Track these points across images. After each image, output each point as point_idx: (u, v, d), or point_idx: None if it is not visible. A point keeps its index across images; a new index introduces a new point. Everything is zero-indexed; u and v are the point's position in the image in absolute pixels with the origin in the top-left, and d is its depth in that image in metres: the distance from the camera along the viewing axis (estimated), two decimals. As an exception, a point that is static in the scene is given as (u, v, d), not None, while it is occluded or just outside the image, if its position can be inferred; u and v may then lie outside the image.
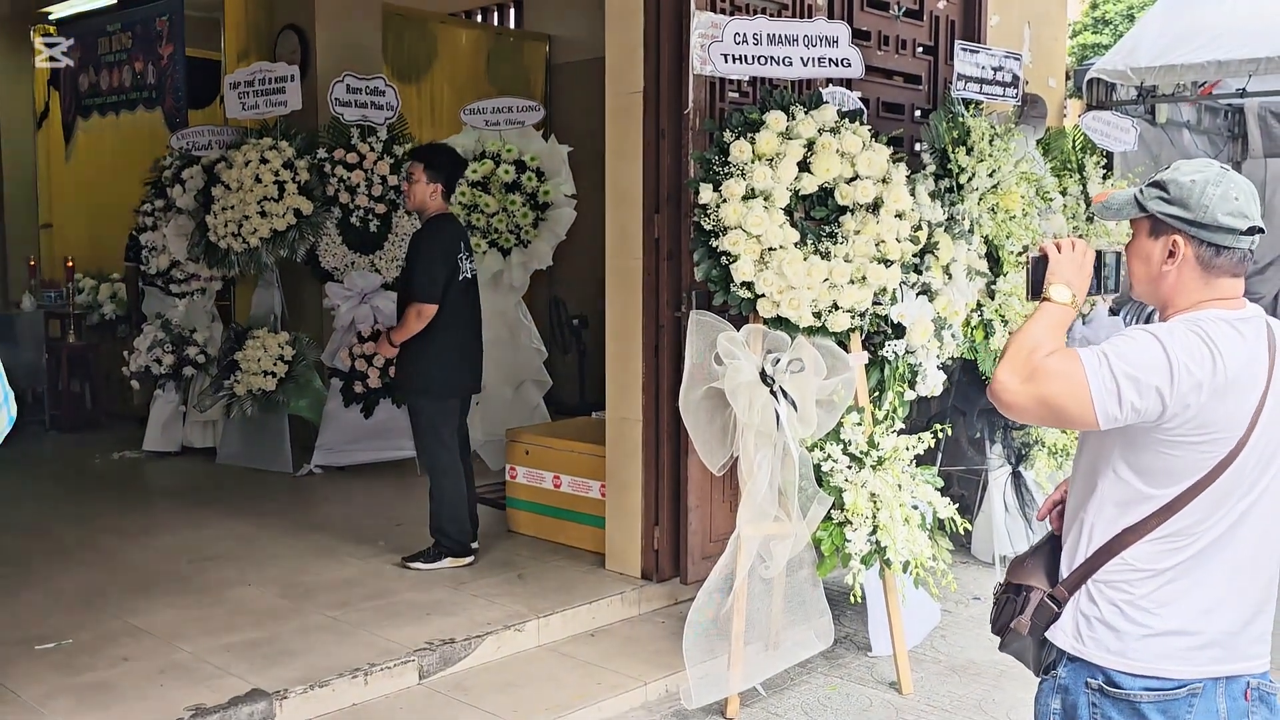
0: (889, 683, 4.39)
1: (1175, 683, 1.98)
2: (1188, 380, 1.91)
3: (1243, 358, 1.96)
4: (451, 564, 5.14)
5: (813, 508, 4.08)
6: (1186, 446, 1.96)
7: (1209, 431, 1.94)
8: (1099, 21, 24.18)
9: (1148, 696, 1.99)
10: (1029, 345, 2.03)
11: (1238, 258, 2.01)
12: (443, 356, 5.06)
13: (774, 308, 4.00)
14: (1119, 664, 2.01)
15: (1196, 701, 1.98)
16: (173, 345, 7.42)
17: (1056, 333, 2.08)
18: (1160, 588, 2.00)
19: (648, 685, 4.21)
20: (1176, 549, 1.99)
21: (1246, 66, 6.52)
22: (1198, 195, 1.99)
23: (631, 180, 4.85)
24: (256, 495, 6.53)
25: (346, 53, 7.53)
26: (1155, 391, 1.91)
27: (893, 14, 5.60)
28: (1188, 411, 1.93)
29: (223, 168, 6.73)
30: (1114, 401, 1.92)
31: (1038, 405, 2.00)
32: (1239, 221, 1.98)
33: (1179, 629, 1.99)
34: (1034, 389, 1.99)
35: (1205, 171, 2.02)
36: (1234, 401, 1.94)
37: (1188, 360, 1.92)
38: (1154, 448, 1.98)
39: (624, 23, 4.86)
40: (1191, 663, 1.99)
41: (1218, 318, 1.98)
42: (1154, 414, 1.93)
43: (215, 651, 4.18)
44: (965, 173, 4.85)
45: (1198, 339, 1.94)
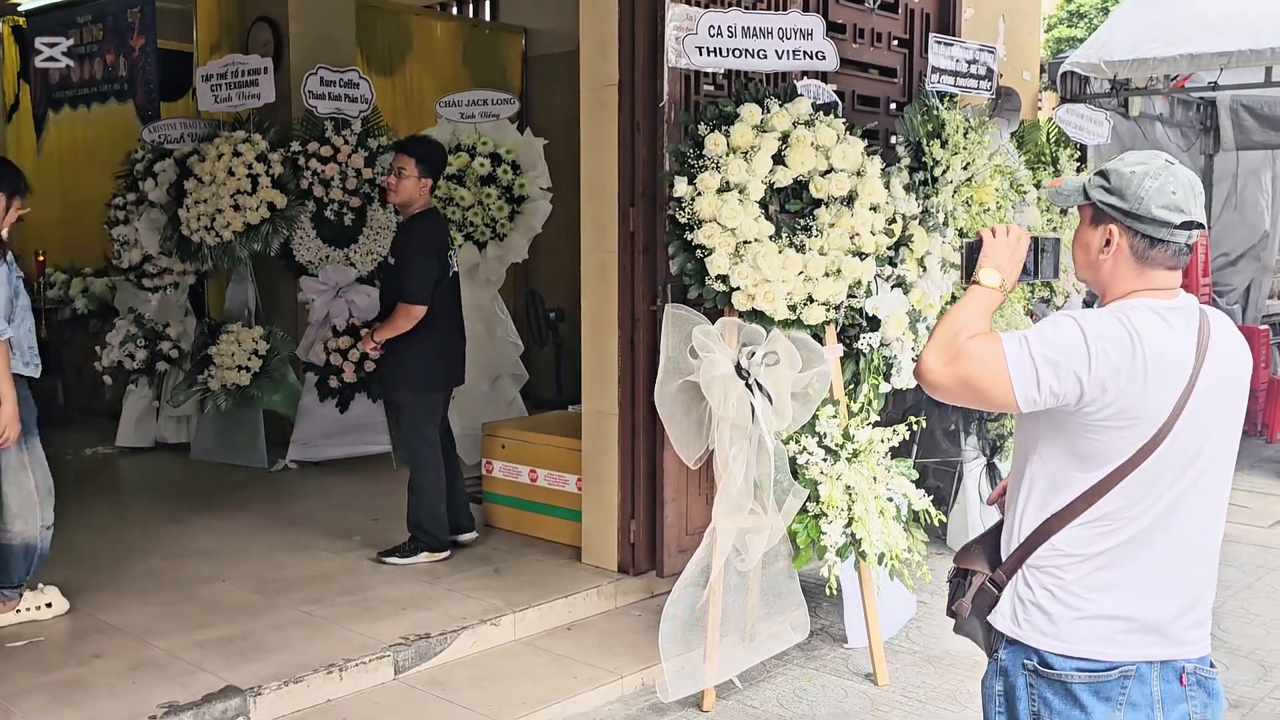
0: (864, 674, 4.40)
1: (1106, 665, 2.02)
2: (1105, 365, 1.95)
3: (1165, 345, 1.99)
4: (428, 559, 5.12)
5: (788, 500, 4.09)
6: (1109, 430, 1.99)
7: (1129, 417, 1.98)
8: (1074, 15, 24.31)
9: (1080, 677, 2.02)
10: (954, 328, 2.08)
11: (1173, 251, 2.03)
12: (427, 351, 5.03)
13: (749, 301, 4.00)
14: (1052, 645, 2.05)
15: (1130, 684, 2.01)
16: (145, 340, 7.35)
17: (982, 315, 2.12)
18: (1091, 573, 2.03)
19: (624, 679, 4.21)
20: (1104, 534, 2.03)
21: (1218, 60, 6.57)
22: (1134, 186, 2.02)
23: (606, 173, 4.84)
24: (230, 490, 6.49)
25: (320, 45, 7.48)
26: (1073, 375, 1.95)
27: (868, 7, 5.60)
28: (1106, 396, 1.96)
29: (195, 161, 6.67)
30: (1032, 385, 1.97)
31: (960, 386, 2.06)
32: (1173, 215, 2.00)
33: (1111, 613, 2.02)
34: (956, 370, 2.05)
35: (1148, 164, 2.04)
36: (1155, 388, 1.97)
37: (1106, 345, 1.96)
38: (1077, 432, 2.02)
39: (598, 15, 4.84)
40: (1123, 646, 2.02)
41: (1145, 306, 2.02)
42: (1073, 397, 1.97)
43: (188, 648, 4.16)
44: (940, 166, 4.86)
45: (1119, 325, 1.98)
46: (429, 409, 5.17)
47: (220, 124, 6.89)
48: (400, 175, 5.03)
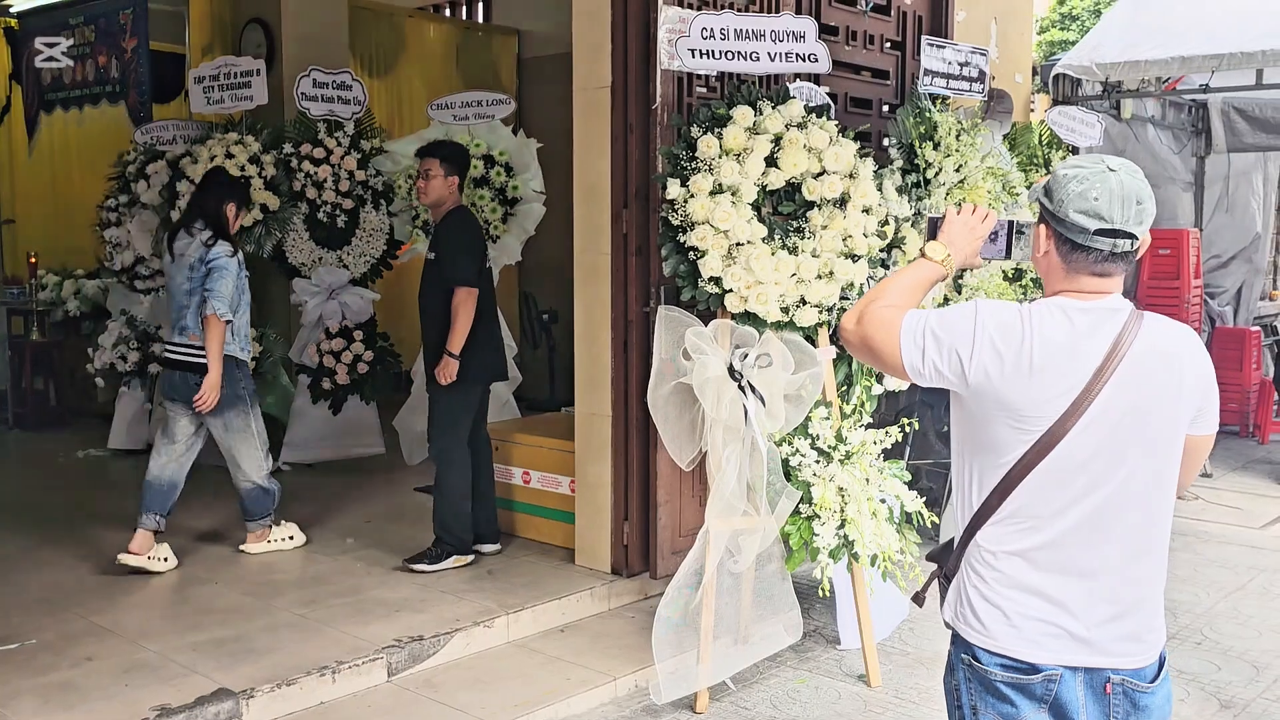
0: (858, 675, 4.41)
1: (1027, 665, 2.02)
2: (988, 350, 1.98)
3: (1058, 342, 1.98)
4: (455, 563, 5.06)
5: (781, 502, 4.09)
6: (998, 423, 2.01)
7: (1015, 410, 1.99)
8: (1066, 18, 24.35)
9: (1003, 675, 2.04)
10: (877, 293, 2.18)
11: (1095, 258, 2.00)
12: (473, 343, 4.97)
13: (742, 303, 4.01)
14: (981, 641, 2.07)
15: (1053, 687, 2.01)
16: (138, 342, 7.34)
17: (914, 286, 2.21)
18: (1012, 573, 2.04)
19: (617, 680, 4.21)
20: (1019, 533, 2.03)
21: (1209, 62, 6.59)
22: (1058, 189, 2.01)
23: (599, 175, 4.84)
24: (223, 492, 6.45)
25: (312, 47, 7.48)
26: (954, 353, 2.00)
27: (860, 9, 5.61)
28: (990, 383, 1.99)
29: (187, 163, 6.65)
30: (917, 354, 2.04)
31: (862, 346, 2.15)
32: (1090, 222, 1.97)
33: (1033, 615, 2.02)
34: (860, 330, 2.14)
35: (1082, 167, 2.01)
36: (1041, 383, 1.97)
37: (995, 332, 1.99)
38: (978, 423, 2.05)
39: (591, 17, 4.85)
40: (1045, 649, 2.02)
41: (1056, 304, 2.03)
42: (955, 375, 2.02)
43: (181, 650, 4.15)
44: (932, 168, 4.87)
45: (1016, 316, 2.00)
46: (467, 403, 5.10)
47: (213, 126, 6.88)
48: (427, 177, 5.01)
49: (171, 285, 5.18)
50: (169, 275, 5.20)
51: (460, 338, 4.90)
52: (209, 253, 5.02)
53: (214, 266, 4.99)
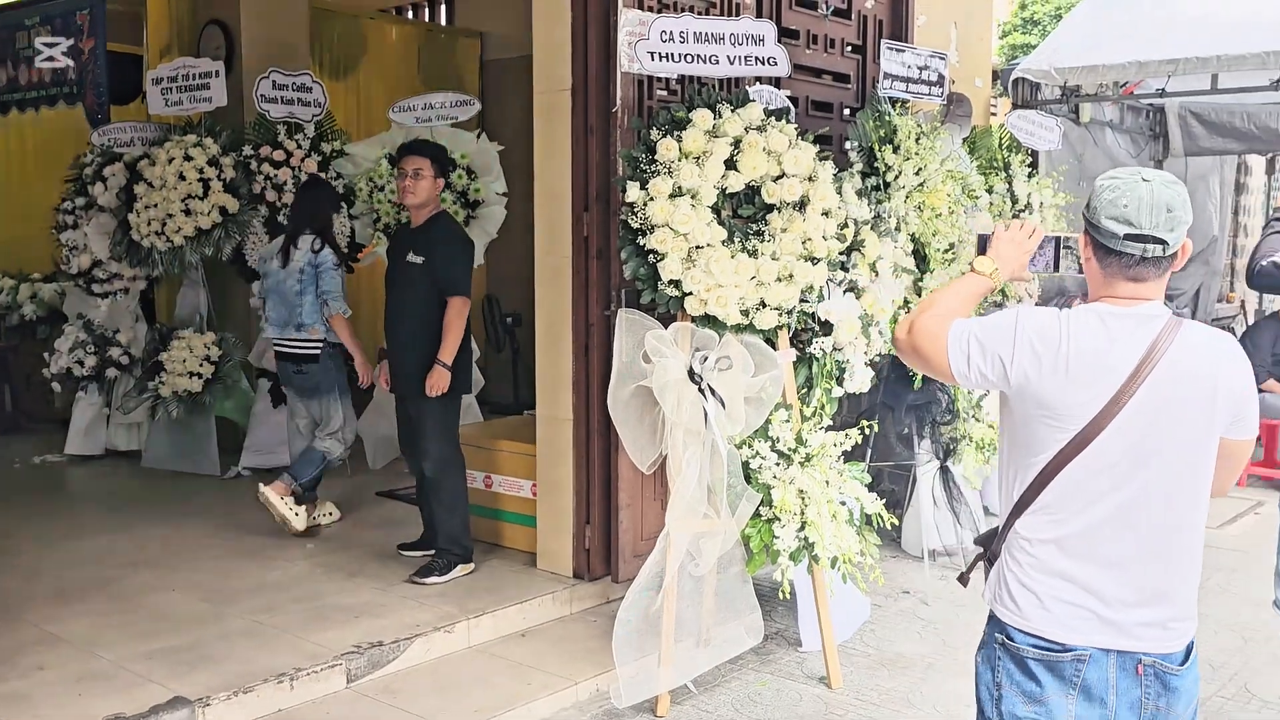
0: (819, 677, 4.42)
1: (1060, 646, 2.15)
2: (1028, 353, 2.12)
3: (1094, 346, 2.10)
4: (462, 571, 5.02)
5: (741, 505, 4.10)
6: (1036, 422, 2.15)
7: (1052, 410, 2.12)
8: (1028, 22, 24.58)
9: (1035, 654, 2.16)
10: (927, 305, 2.32)
11: (1127, 262, 2.11)
12: (461, 355, 4.94)
13: (702, 305, 4.01)
14: (1015, 621, 2.19)
15: (1083, 667, 2.13)
16: (95, 346, 7.25)
17: (964, 297, 2.36)
18: (1047, 559, 2.17)
19: (578, 685, 4.19)
20: (1054, 522, 2.16)
21: (1165, 67, 6.66)
22: (1094, 197, 2.14)
23: (560, 178, 4.83)
24: (182, 498, 6.41)
25: (272, 49, 7.41)
26: (997, 357, 2.15)
27: (821, 13, 5.64)
28: (1029, 385, 2.13)
29: (145, 165, 6.60)
30: (963, 359, 2.19)
31: (913, 353, 2.30)
32: (1119, 227, 2.09)
33: (1066, 598, 2.15)
34: (911, 340, 2.29)
35: (1116, 178, 2.13)
36: (1077, 385, 2.10)
37: (1034, 336, 2.12)
38: (1017, 422, 2.19)
39: (551, 19, 4.84)
40: (1076, 631, 2.14)
41: (1092, 309, 2.15)
42: (999, 377, 2.16)
43: (136, 659, 4.10)
44: (892, 171, 4.89)
45: (1055, 321, 2.13)
46: (457, 409, 5.07)
47: (171, 128, 6.81)
48: (418, 176, 4.88)
49: (281, 288, 5.62)
50: (276, 279, 5.64)
51: (454, 349, 4.86)
52: (316, 257, 5.52)
53: (323, 270, 5.52)
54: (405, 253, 4.97)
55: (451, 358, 4.86)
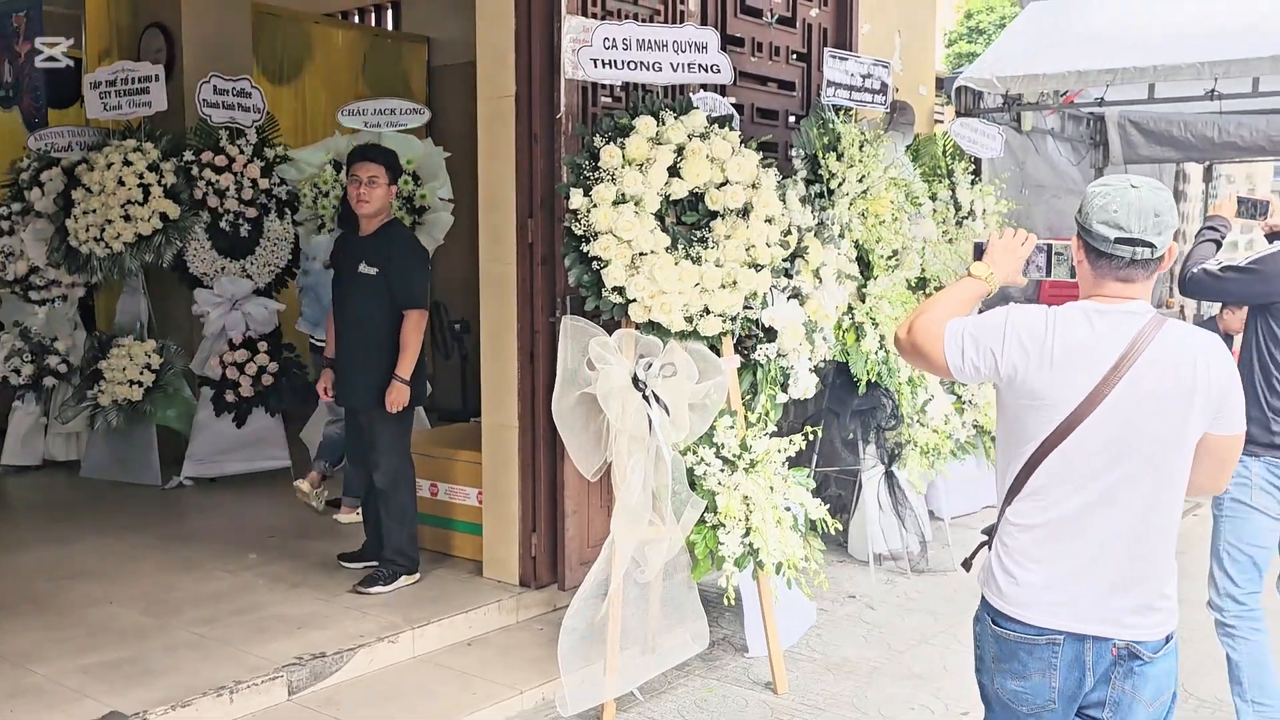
0: (765, 683, 4.43)
1: (1035, 629, 2.28)
2: (1016, 347, 2.26)
3: (1078, 340, 2.23)
4: (407, 582, 4.96)
5: (686, 511, 4.10)
6: (1025, 411, 2.28)
7: (1039, 399, 2.25)
8: (973, 31, 24.89)
9: (1013, 636, 2.30)
10: (926, 307, 2.46)
11: (1116, 264, 2.25)
12: (416, 366, 4.87)
13: (646, 312, 4.01)
14: (998, 603, 2.34)
15: (1059, 650, 2.26)
16: (32, 355, 7.11)
17: (961, 299, 2.50)
18: (1031, 544, 2.29)
19: (524, 694, 4.17)
20: (1040, 508, 2.28)
21: (1104, 76, 6.77)
22: (1085, 202, 2.28)
23: (504, 185, 4.81)
24: (122, 509, 6.31)
25: (215, 52, 7.32)
26: (989, 350, 2.29)
27: (766, 21, 5.66)
28: (1018, 376, 2.27)
29: (84, 170, 6.49)
30: (957, 354, 2.33)
31: (912, 351, 2.44)
32: (1110, 231, 2.22)
33: (1044, 583, 2.27)
34: (910, 339, 2.43)
35: (1107, 185, 2.28)
36: (1062, 375, 2.23)
37: (1022, 330, 2.27)
38: (1009, 412, 2.34)
39: (495, 25, 4.82)
40: (1053, 615, 2.26)
41: (1079, 307, 2.29)
42: (990, 370, 2.30)
43: (72, 673, 4.02)
44: (836, 178, 4.93)
45: (1042, 316, 2.28)
46: (409, 424, 5.02)
47: (110, 132, 6.71)
48: (373, 184, 4.79)
49: (319, 289, 5.94)
50: (316, 278, 5.98)
51: (412, 363, 4.80)
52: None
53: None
54: (356, 262, 4.86)
55: (410, 372, 4.80)
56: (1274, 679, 3.76)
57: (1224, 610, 3.78)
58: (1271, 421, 3.66)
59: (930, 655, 4.76)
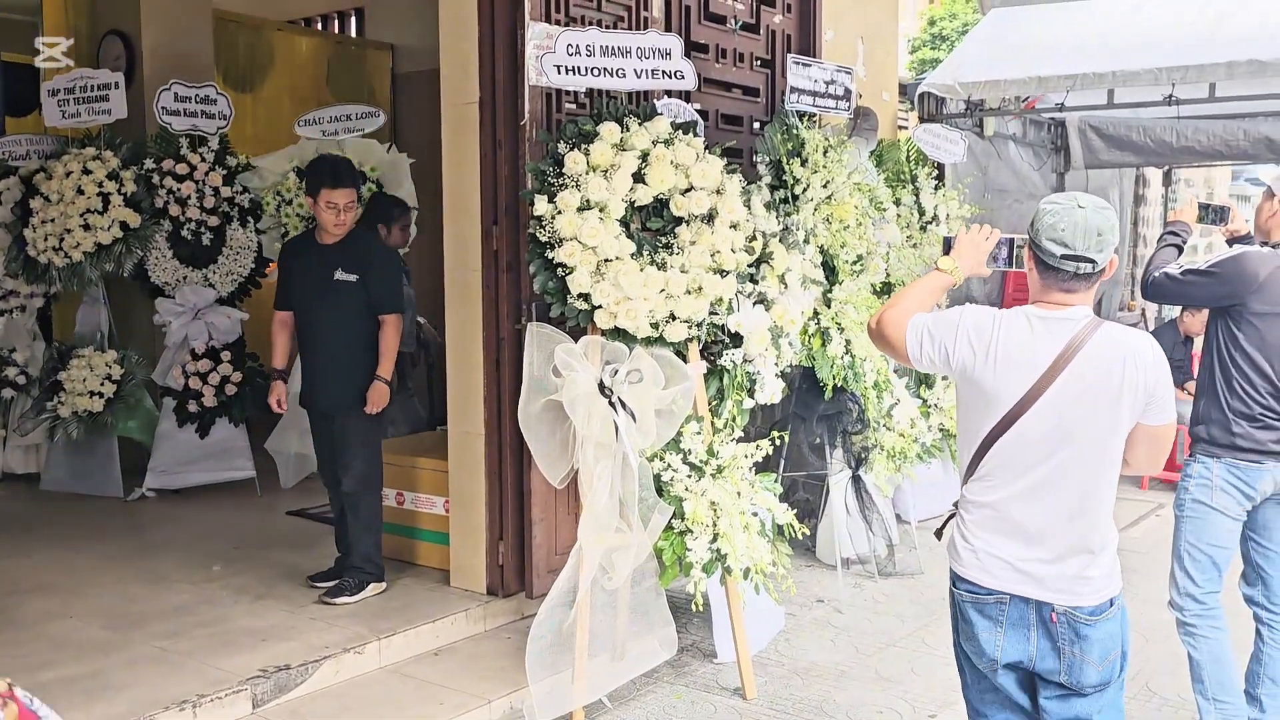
0: (734, 689, 4.43)
1: (985, 590, 2.57)
2: (965, 344, 2.54)
3: (1017, 342, 2.51)
4: (374, 590, 4.93)
5: (653, 518, 4.09)
6: (975, 402, 2.57)
7: (985, 393, 2.53)
8: (936, 37, 25.09)
9: (968, 596, 2.60)
10: (897, 299, 2.73)
11: (1061, 277, 2.50)
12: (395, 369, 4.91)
13: (611, 319, 4.00)
14: (958, 569, 2.63)
15: (1005, 610, 2.54)
16: (-10, 366, 7.02)
17: (929, 291, 2.77)
18: (984, 519, 2.58)
19: (491, 703, 4.15)
20: (991, 488, 2.56)
21: (1064, 82, 6.83)
22: (1037, 220, 2.53)
23: (469, 191, 4.80)
24: (84, 522, 6.22)
25: (175, 60, 7.25)
26: (941, 344, 2.57)
27: (730, 27, 5.68)
28: (967, 370, 2.55)
29: (42, 179, 6.41)
30: (916, 345, 2.62)
31: (880, 339, 2.72)
32: (1056, 248, 2.48)
33: (994, 552, 2.56)
34: (880, 329, 2.71)
35: (1057, 203, 2.53)
36: (1004, 373, 2.50)
37: (971, 330, 2.55)
38: (963, 402, 2.63)
39: (459, 32, 4.80)
40: (1000, 579, 2.55)
41: (1022, 311, 2.55)
42: (943, 362, 2.59)
43: (31, 689, 3.89)
44: (800, 184, 4.95)
45: (990, 318, 2.56)
46: (381, 431, 5.03)
47: (69, 140, 6.63)
48: (349, 209, 4.83)
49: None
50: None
51: (392, 365, 4.86)
52: None
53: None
54: (329, 270, 4.84)
55: (390, 373, 4.86)
56: (1235, 677, 3.80)
57: (1184, 610, 3.81)
58: (1232, 423, 3.70)
59: (898, 658, 4.78)
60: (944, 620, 5.14)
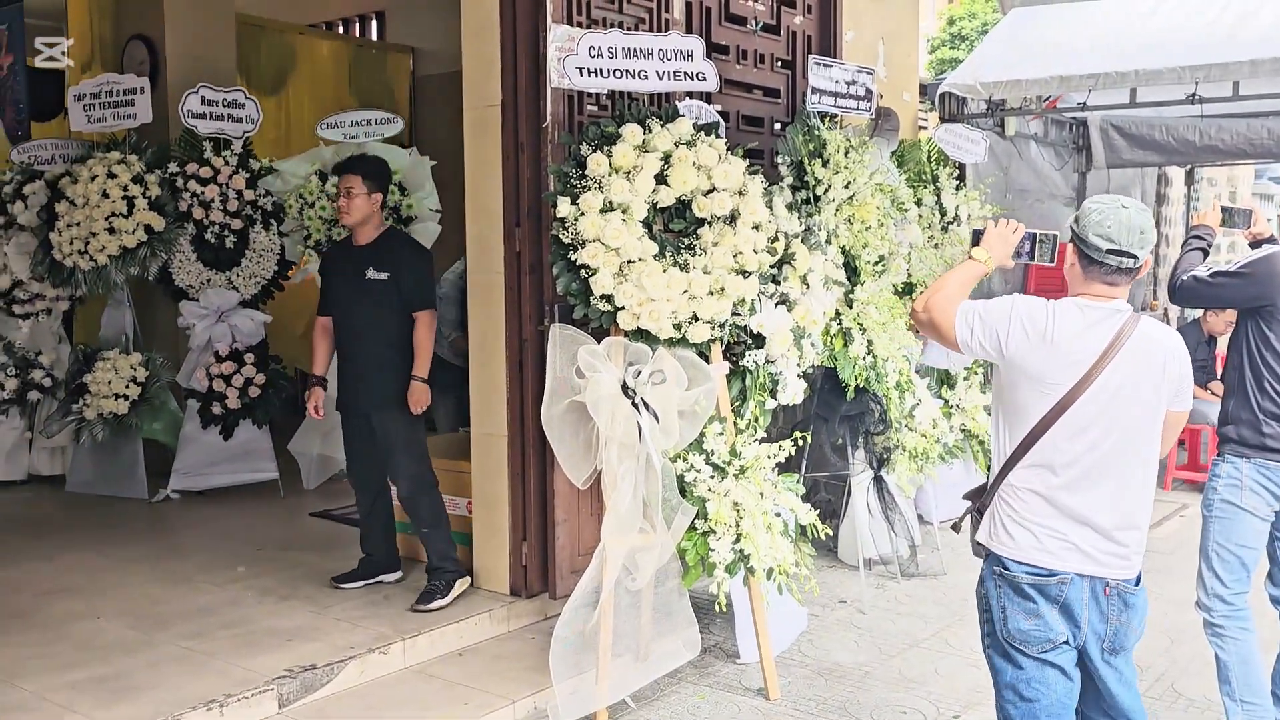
0: (757, 689, 4.43)
1: (1047, 571, 2.69)
2: (1019, 330, 2.68)
3: (1073, 329, 2.66)
4: (461, 588, 4.91)
5: (676, 518, 4.10)
6: (1024, 388, 2.69)
7: (1037, 379, 2.66)
8: (956, 37, 25.00)
9: (1028, 579, 2.71)
10: (939, 286, 2.88)
11: (1106, 270, 2.68)
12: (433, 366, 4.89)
13: (634, 320, 4.01)
14: (1013, 554, 2.73)
15: (1065, 589, 2.68)
16: (16, 369, 7.08)
17: (966, 279, 2.92)
18: (1039, 503, 2.70)
19: (515, 704, 4.16)
20: (1041, 475, 2.69)
21: (1086, 81, 6.80)
22: (1083, 218, 2.72)
23: (491, 194, 4.81)
24: (109, 523, 6.27)
25: (198, 64, 7.31)
26: (994, 331, 2.70)
27: (750, 29, 5.68)
28: (1019, 356, 2.68)
29: (67, 183, 6.46)
30: (968, 331, 2.75)
31: (929, 324, 2.85)
32: (1103, 243, 2.67)
33: (1052, 535, 2.69)
34: (928, 314, 2.85)
35: (1101, 203, 2.71)
36: (1059, 360, 2.65)
37: (1024, 317, 2.69)
38: (1008, 388, 2.74)
39: (481, 35, 4.82)
40: (1060, 559, 2.68)
41: (1073, 302, 2.72)
42: (995, 349, 2.71)
43: (58, 689, 3.99)
44: (821, 184, 4.94)
45: (1043, 307, 2.70)
46: (424, 429, 4.99)
47: (94, 145, 6.68)
48: (349, 195, 4.81)
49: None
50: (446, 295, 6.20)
51: (428, 363, 4.83)
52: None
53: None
54: (361, 270, 4.85)
55: (426, 372, 4.84)
56: (1262, 678, 3.77)
57: (1212, 610, 3.79)
58: (1262, 423, 3.68)
59: (921, 659, 4.77)
60: (967, 621, 5.14)
